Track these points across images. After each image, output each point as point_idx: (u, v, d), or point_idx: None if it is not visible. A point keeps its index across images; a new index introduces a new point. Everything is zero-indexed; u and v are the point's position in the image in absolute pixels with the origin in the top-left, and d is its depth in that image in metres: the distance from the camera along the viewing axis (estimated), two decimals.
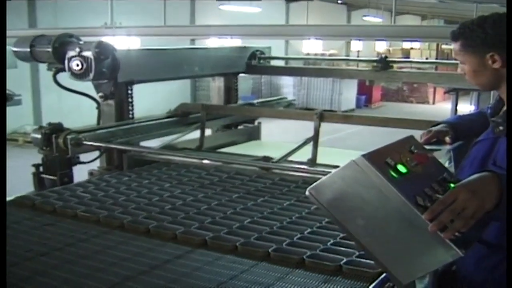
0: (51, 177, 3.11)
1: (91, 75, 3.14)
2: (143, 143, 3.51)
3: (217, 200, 2.67)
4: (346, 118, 3.60)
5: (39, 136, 3.10)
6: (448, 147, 2.19)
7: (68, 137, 3.03)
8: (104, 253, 2.05)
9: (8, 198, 2.78)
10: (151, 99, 10.07)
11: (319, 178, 1.41)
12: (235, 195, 2.75)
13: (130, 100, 3.50)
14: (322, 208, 1.41)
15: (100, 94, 3.39)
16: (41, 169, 3.15)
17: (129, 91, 3.49)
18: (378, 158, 1.37)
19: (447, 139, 2.18)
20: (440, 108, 16.81)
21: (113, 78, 3.30)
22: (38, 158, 3.18)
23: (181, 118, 3.78)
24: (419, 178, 1.43)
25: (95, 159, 3.31)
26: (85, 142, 3.08)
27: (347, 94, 16.37)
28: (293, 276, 1.86)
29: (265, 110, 4.00)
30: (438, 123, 2.28)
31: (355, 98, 17.01)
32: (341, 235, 2.08)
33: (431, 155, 1.59)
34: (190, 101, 15.86)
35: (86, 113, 3.34)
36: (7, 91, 4.96)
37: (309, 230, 2.25)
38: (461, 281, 1.96)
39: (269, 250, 2.02)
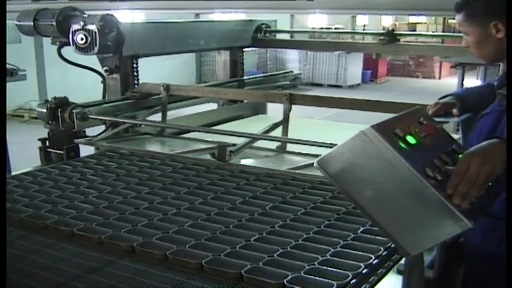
0: (57, 151, 3.11)
1: (96, 49, 3.12)
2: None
3: (161, 197, 2.38)
4: (319, 100, 3.23)
5: (44, 110, 3.10)
6: (456, 119, 2.18)
7: (74, 111, 3.03)
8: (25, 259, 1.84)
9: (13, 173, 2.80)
10: (156, 75, 10.01)
11: (284, 170, 1.41)
12: (184, 191, 2.46)
13: (135, 74, 3.49)
14: (330, 179, 1.40)
15: (105, 68, 3.37)
16: (47, 143, 3.16)
17: (134, 65, 3.48)
18: (387, 129, 1.36)
19: (455, 111, 2.16)
20: (446, 83, 16.68)
21: (118, 51, 3.28)
22: (44, 133, 3.18)
23: (142, 99, 3.48)
24: (428, 149, 1.42)
25: (101, 133, 3.30)
26: (91, 116, 3.08)
27: (353, 69, 16.26)
28: None
29: (231, 92, 3.62)
30: (445, 96, 2.26)
31: (361, 73, 16.90)
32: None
33: (440, 126, 1.57)
34: (195, 76, 15.82)
35: (91, 88, 3.33)
36: (11, 67, 4.94)
37: (256, 236, 1.96)
38: (468, 253, 1.96)
39: (203, 262, 1.76)
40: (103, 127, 3.34)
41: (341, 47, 6.29)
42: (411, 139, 1.39)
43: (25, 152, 3.09)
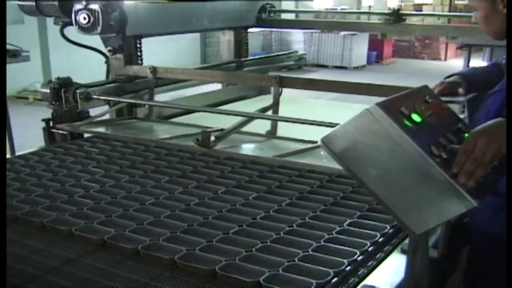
0: (61, 131, 3.11)
1: (99, 29, 3.10)
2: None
3: (141, 186, 2.28)
4: (310, 83, 3.11)
5: (48, 91, 3.09)
6: (461, 98, 2.16)
7: (78, 91, 3.02)
8: None
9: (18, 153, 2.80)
10: (160, 57, 9.99)
11: (271, 158, 1.39)
12: (165, 179, 2.36)
13: (139, 54, 3.47)
14: (334, 158, 1.39)
15: (109, 48, 3.35)
16: (51, 124, 3.15)
17: (138, 45, 3.46)
18: (392, 107, 1.34)
19: (461, 90, 2.14)
20: (452, 64, 16.55)
21: (121, 31, 3.26)
22: (48, 115, 3.17)
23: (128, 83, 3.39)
24: (434, 128, 1.41)
25: (105, 113, 3.30)
26: (94, 96, 3.07)
27: (358, 51, 16.15)
28: None
29: (219, 74, 3.48)
30: (451, 75, 2.23)
31: (366, 55, 16.79)
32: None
33: (446, 105, 1.56)
34: (200, 58, 15.75)
35: (95, 69, 3.31)
36: (14, 47, 4.92)
37: (236, 228, 1.87)
38: (475, 233, 1.95)
39: (176, 258, 1.66)
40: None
41: (346, 27, 6.23)
42: (416, 117, 1.38)
43: (31, 134, 3.07)
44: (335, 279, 1.58)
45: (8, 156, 2.79)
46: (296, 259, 1.66)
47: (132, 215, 2.00)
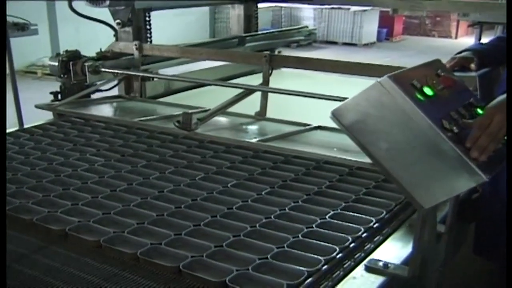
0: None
1: (107, 1, 3.08)
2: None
3: (115, 170, 2.18)
4: (302, 62, 2.93)
5: (56, 64, 3.07)
6: (473, 74, 2.13)
7: (86, 64, 3.00)
8: None
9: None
10: (169, 32, 9.95)
11: (256, 142, 1.36)
12: (142, 163, 2.26)
13: (148, 27, 3.44)
14: (345, 131, 1.38)
15: (117, 21, 3.32)
16: (59, 97, 3.14)
17: (147, 18, 3.43)
18: (404, 80, 1.33)
19: (472, 66, 2.12)
20: (463, 42, 16.34)
21: (130, 4, 3.23)
22: (56, 89, 3.15)
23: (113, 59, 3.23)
24: (446, 102, 1.40)
25: (113, 87, 3.29)
26: (102, 69, 3.06)
27: (368, 27, 15.99)
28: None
29: (208, 52, 3.29)
30: (462, 50, 2.21)
31: (376, 32, 16.63)
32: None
33: (458, 79, 1.54)
34: (209, 33, 15.65)
35: (104, 44, 3.29)
36: (22, 21, 4.89)
37: (208, 219, 1.76)
38: (487, 203, 1.95)
39: (138, 253, 1.56)
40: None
41: (358, 1, 6.14)
42: (428, 91, 1.36)
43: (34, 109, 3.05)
44: (340, 254, 1.58)
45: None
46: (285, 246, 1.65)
47: (101, 202, 1.91)
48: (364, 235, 1.71)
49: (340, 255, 1.58)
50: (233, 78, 3.81)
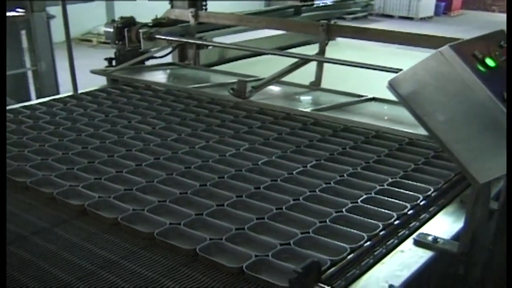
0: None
1: None
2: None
3: (161, 138, 2.19)
4: (358, 31, 2.91)
5: (111, 30, 3.12)
6: None
7: (140, 30, 3.03)
8: None
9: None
10: (223, 2, 9.92)
11: (307, 112, 1.32)
12: (186, 133, 2.26)
13: None
14: (401, 101, 1.35)
15: None
16: (113, 63, 3.18)
17: None
18: (466, 50, 1.29)
19: None
20: None
21: None
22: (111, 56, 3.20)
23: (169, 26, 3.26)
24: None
25: (167, 54, 3.31)
26: (157, 36, 3.08)
27: (426, 1, 15.52)
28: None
29: (265, 20, 3.27)
30: None
31: (434, 5, 16.12)
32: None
33: None
34: (264, 3, 15.50)
35: (160, 13, 3.30)
36: None
37: (235, 197, 1.71)
38: None
39: (155, 233, 1.51)
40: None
41: None
42: (490, 62, 1.31)
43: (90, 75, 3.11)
44: (398, 221, 1.60)
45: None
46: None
47: (125, 177, 1.90)
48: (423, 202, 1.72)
49: (383, 232, 1.57)
50: (286, 49, 3.76)
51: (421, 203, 1.73)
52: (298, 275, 1.20)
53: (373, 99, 2.57)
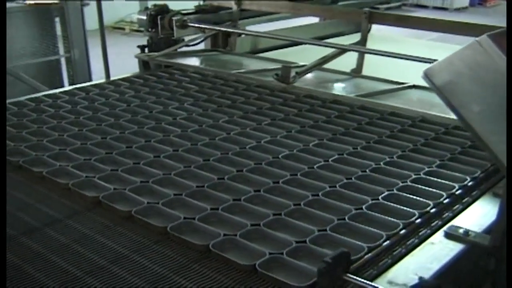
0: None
1: None
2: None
3: (198, 124, 2.21)
4: (401, 19, 2.92)
5: (144, 17, 3.14)
6: None
7: (174, 18, 3.05)
8: None
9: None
10: None
11: (352, 97, 1.31)
12: (225, 118, 2.28)
13: None
14: (436, 91, 1.33)
15: None
16: (146, 50, 3.20)
17: None
18: (504, 39, 1.25)
19: None
20: None
21: None
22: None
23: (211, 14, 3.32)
24: None
25: (200, 42, 3.32)
26: (190, 24, 3.09)
27: None
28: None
29: (307, 7, 3.31)
30: None
31: None
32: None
33: None
34: None
35: (195, 3, 3.31)
36: None
37: (271, 183, 1.74)
38: None
39: (168, 228, 1.49)
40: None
41: None
42: None
43: (126, 63, 3.14)
44: (434, 209, 1.61)
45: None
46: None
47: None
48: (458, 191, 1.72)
49: (419, 220, 1.56)
50: (322, 39, 3.73)
51: (457, 193, 1.71)
52: (327, 264, 1.19)
53: (414, 86, 2.61)
